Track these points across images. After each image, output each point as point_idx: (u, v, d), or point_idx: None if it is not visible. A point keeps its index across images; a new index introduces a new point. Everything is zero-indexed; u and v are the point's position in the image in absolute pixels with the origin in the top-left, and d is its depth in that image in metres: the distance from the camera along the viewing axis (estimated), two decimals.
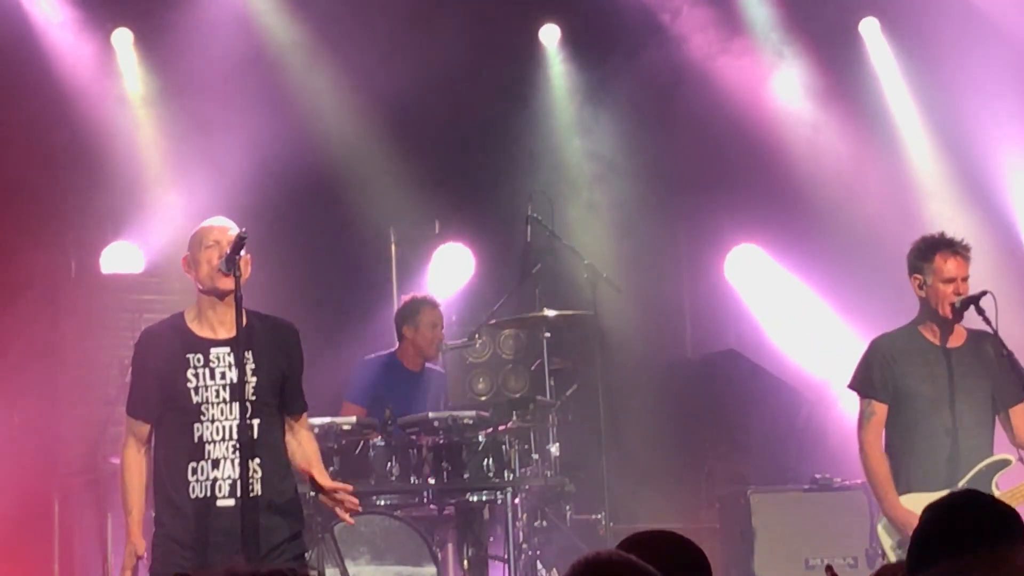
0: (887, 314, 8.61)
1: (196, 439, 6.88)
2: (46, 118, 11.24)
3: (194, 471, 6.87)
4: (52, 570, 10.88)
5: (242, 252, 6.84)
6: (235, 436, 6.82)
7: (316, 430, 8.97)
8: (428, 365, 10.49)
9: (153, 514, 7.01)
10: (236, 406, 6.82)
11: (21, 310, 10.90)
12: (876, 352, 8.14)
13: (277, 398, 6.97)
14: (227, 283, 6.85)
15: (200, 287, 7.01)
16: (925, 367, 8.01)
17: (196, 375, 6.90)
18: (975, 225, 10.92)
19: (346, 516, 7.10)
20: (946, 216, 10.96)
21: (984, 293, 7.92)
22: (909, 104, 12.13)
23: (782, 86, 12.19)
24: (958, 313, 7.95)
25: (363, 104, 11.91)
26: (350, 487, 7.11)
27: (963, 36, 11.52)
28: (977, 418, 7.97)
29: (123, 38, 11.84)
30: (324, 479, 7.08)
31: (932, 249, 8.00)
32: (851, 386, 8.22)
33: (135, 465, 6.96)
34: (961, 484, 7.76)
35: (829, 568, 4.62)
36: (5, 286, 10.96)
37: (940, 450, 7.89)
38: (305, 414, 7.18)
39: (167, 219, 11.03)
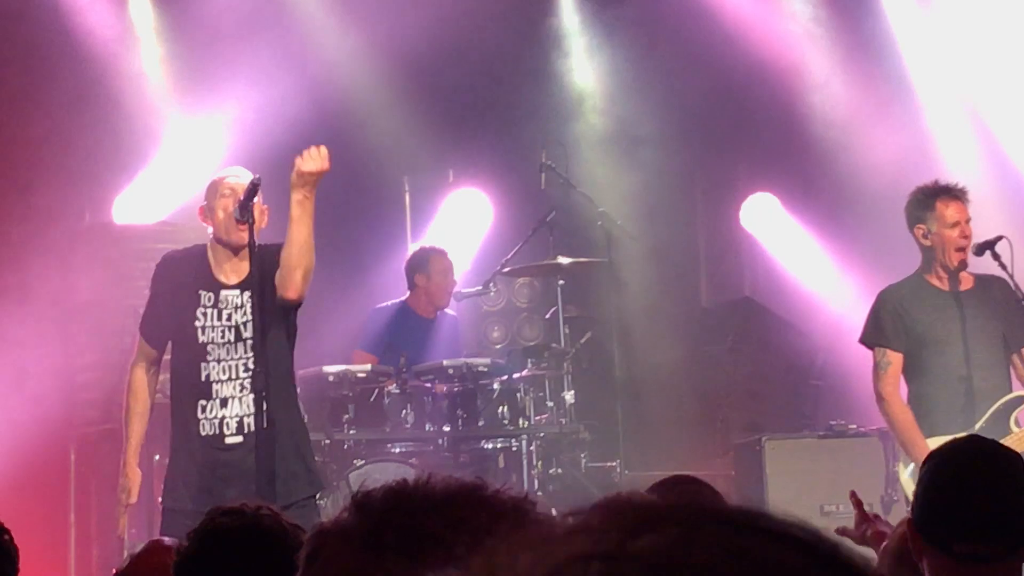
0: (902, 262, 8.58)
1: (203, 378, 6.97)
2: (58, 71, 11.21)
3: (203, 409, 6.96)
4: (68, 520, 10.91)
5: (256, 198, 6.86)
6: (242, 375, 6.89)
7: (331, 377, 9.03)
8: (441, 311, 10.49)
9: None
10: (242, 346, 6.89)
11: (35, 262, 10.90)
12: (886, 302, 8.14)
13: (283, 326, 6.99)
14: (241, 236, 6.89)
15: (215, 236, 7.04)
16: (935, 312, 8.02)
17: (204, 314, 6.99)
18: (990, 172, 10.88)
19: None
20: (958, 162, 10.92)
21: (1000, 238, 7.94)
22: (923, 51, 12.06)
23: (799, 33, 12.13)
24: (974, 256, 7.95)
25: (376, 53, 11.86)
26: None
27: None
28: (992, 359, 7.98)
29: None
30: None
31: (932, 197, 7.99)
32: (863, 340, 8.22)
33: (140, 387, 7.06)
34: (979, 424, 7.77)
35: (853, 495, 4.63)
36: (19, 239, 10.96)
37: (956, 393, 7.90)
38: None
39: (181, 169, 11.02)
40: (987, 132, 11.61)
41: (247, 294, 6.92)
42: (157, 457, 9.25)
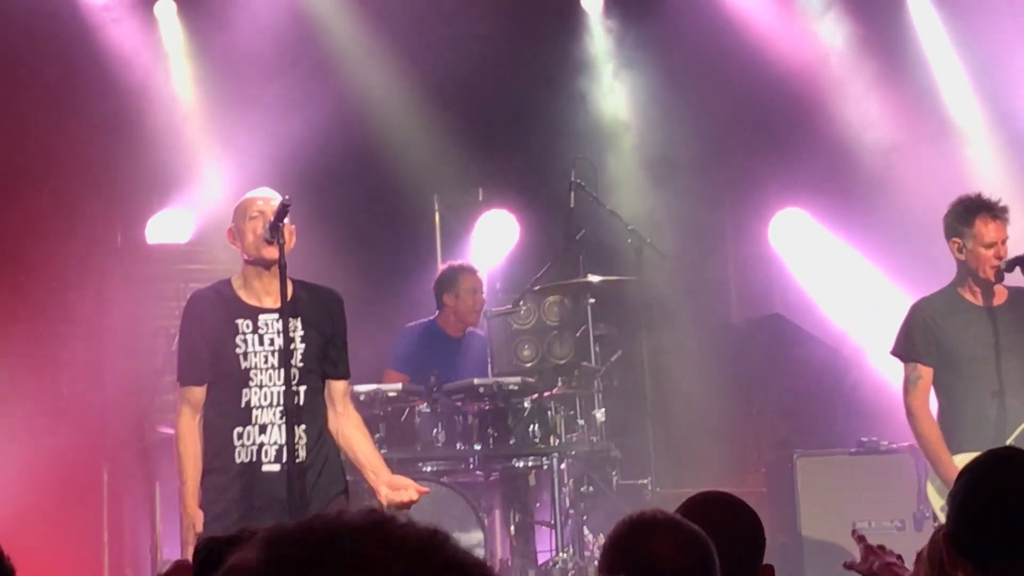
0: (933, 277, 8.57)
1: (244, 404, 6.95)
2: (91, 90, 11.28)
3: (240, 436, 6.93)
4: (102, 540, 10.96)
5: (286, 220, 6.89)
6: (282, 402, 6.88)
7: (362, 397, 9.04)
8: (469, 329, 10.50)
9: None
10: (283, 372, 6.87)
11: (68, 282, 10.96)
12: (918, 316, 8.12)
13: (322, 365, 7.03)
14: (272, 252, 6.91)
15: (246, 257, 7.07)
16: (967, 328, 7.99)
17: (245, 340, 6.97)
18: (1020, 186, 10.86)
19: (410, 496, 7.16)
20: (991, 176, 10.90)
21: None
22: (955, 66, 12.04)
23: (827, 48, 12.12)
24: (1002, 274, 7.92)
25: (406, 72, 11.90)
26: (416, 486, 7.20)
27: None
28: (1023, 375, 7.94)
29: (166, 8, 11.85)
30: (384, 476, 7.16)
31: (971, 213, 7.95)
32: (894, 352, 8.20)
33: (190, 434, 6.99)
34: (1010, 440, 7.74)
35: (855, 532, 4.61)
36: (51, 259, 11.02)
37: (987, 409, 7.88)
38: (347, 382, 7.21)
39: (212, 189, 11.06)
40: (1019, 145, 11.59)
41: (287, 321, 6.92)
42: None
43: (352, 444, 7.14)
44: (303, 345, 6.93)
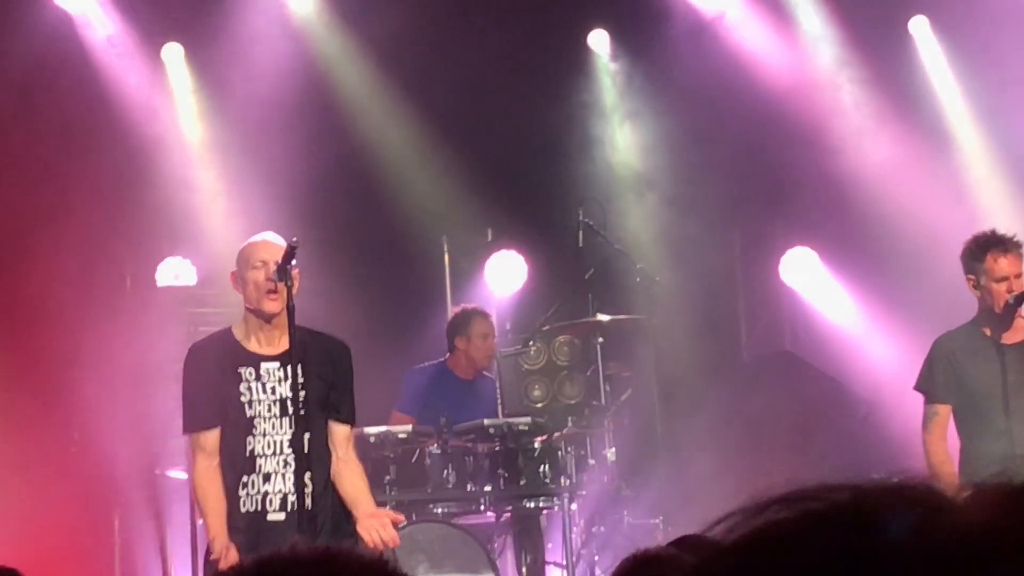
0: (943, 314, 8.56)
1: (248, 452, 6.92)
2: (98, 132, 11.31)
3: (244, 485, 6.91)
4: None
5: (293, 262, 6.89)
6: (285, 450, 6.86)
7: (372, 439, 9.02)
8: (481, 372, 10.48)
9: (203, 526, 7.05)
10: (287, 420, 6.86)
11: (77, 325, 10.96)
12: (938, 352, 8.10)
13: (325, 412, 7.00)
14: (273, 307, 6.90)
15: (248, 306, 7.05)
16: (984, 364, 7.97)
17: (249, 388, 6.95)
18: None
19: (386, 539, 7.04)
20: (999, 214, 10.89)
21: None
22: (960, 103, 12.06)
23: (833, 88, 12.14)
24: (1011, 309, 7.91)
25: (414, 113, 11.93)
26: (391, 514, 7.13)
27: (1014, 33, 11.44)
28: None
29: (173, 52, 11.90)
30: (362, 509, 7.05)
31: (983, 249, 7.95)
32: (917, 387, 8.18)
33: (207, 478, 6.92)
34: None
35: None
36: (60, 302, 11.03)
37: (996, 448, 7.84)
38: (351, 428, 7.16)
39: (221, 230, 11.08)
40: None
41: (288, 368, 6.91)
42: (201, 521, 9.28)
43: (344, 483, 7.05)
44: (304, 393, 6.90)
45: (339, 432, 7.06)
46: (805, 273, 12.53)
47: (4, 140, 11.08)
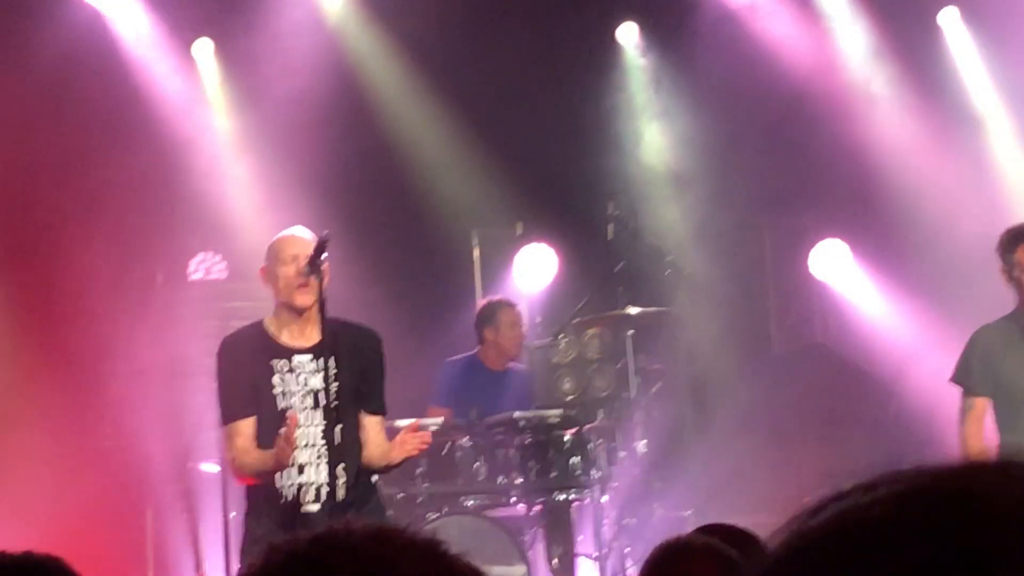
0: (977, 306, 8.53)
1: None
2: (130, 128, 11.36)
3: (280, 475, 6.93)
4: None
5: (324, 255, 6.91)
6: (318, 442, 6.89)
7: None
8: (512, 364, 10.50)
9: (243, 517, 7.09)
10: (319, 412, 6.89)
11: (108, 321, 11.01)
12: (974, 345, 8.05)
13: (357, 403, 7.04)
14: (305, 300, 6.94)
15: (278, 300, 7.08)
16: (1021, 358, 7.93)
17: (282, 380, 6.99)
18: None
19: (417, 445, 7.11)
20: None
21: None
22: (992, 94, 12.02)
23: (863, 79, 12.12)
24: None
25: (444, 106, 11.95)
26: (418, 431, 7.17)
27: None
28: None
29: (204, 48, 11.94)
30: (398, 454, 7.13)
31: (1014, 241, 7.91)
32: (953, 380, 8.14)
33: (246, 455, 6.93)
34: None
35: None
36: (92, 297, 11.07)
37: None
38: (382, 418, 7.20)
39: (252, 225, 11.11)
40: None
41: (321, 360, 6.95)
42: (234, 514, 9.32)
43: (372, 453, 7.11)
44: (336, 384, 6.94)
45: (371, 424, 7.11)
46: (836, 265, 12.51)
47: (36, 137, 11.12)
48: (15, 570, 3.27)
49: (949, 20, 12.22)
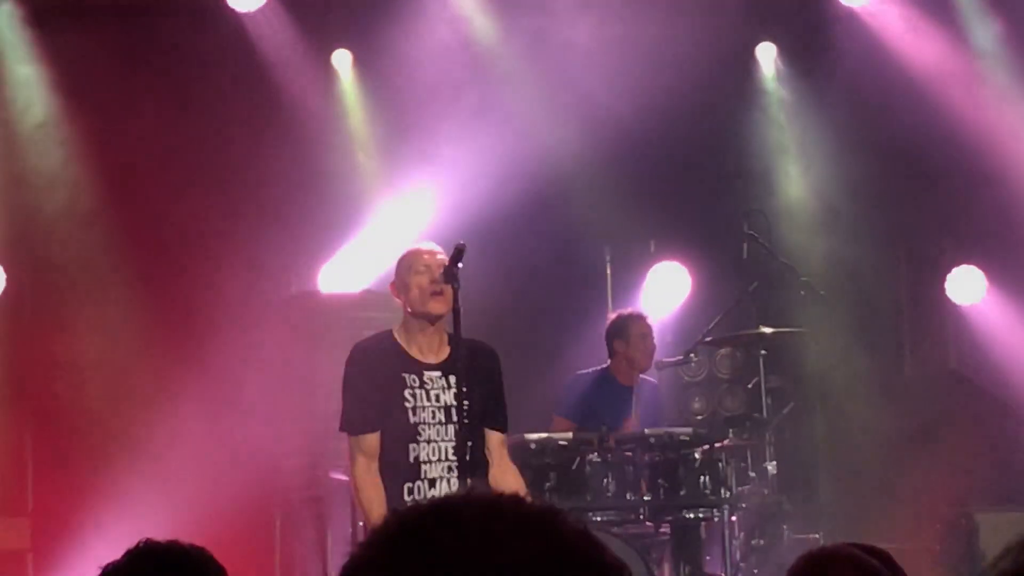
0: None
1: (412, 459, 6.98)
2: (268, 138, 11.47)
3: (411, 491, 6.96)
4: None
5: (460, 264, 6.93)
6: (450, 457, 6.91)
7: (533, 445, 9.03)
8: (641, 377, 10.44)
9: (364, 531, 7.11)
10: (451, 428, 6.91)
11: (242, 331, 11.11)
12: None
13: (484, 420, 7.07)
14: (440, 308, 6.95)
15: (409, 310, 7.09)
16: None
17: (414, 395, 7.01)
18: None
19: None
20: None
21: None
22: None
23: (1002, 104, 11.95)
24: None
25: (579, 124, 11.94)
26: None
27: None
28: None
29: (343, 59, 12.03)
30: None
31: None
32: None
33: (369, 482, 6.98)
34: None
35: None
36: (227, 308, 11.19)
37: None
38: (505, 434, 7.22)
39: (385, 237, 11.16)
40: None
41: (452, 378, 6.97)
42: (361, 523, 9.35)
43: (506, 475, 7.17)
44: (467, 401, 6.95)
45: (494, 439, 7.14)
46: (972, 292, 12.35)
47: (174, 147, 11.27)
48: (164, 556, 3.34)
49: None
